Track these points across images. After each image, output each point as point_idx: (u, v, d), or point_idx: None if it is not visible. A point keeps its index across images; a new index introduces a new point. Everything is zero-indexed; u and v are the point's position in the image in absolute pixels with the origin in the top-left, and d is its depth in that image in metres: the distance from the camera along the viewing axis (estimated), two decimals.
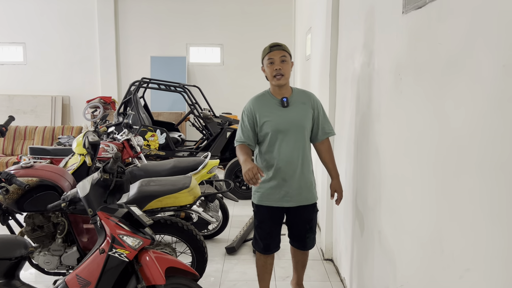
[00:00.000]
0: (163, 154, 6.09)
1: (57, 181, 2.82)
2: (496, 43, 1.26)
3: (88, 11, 8.93)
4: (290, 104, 2.62)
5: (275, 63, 2.55)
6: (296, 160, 2.62)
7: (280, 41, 2.76)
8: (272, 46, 2.59)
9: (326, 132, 2.72)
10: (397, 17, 2.10)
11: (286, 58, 2.57)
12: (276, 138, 2.59)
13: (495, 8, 1.27)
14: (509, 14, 1.20)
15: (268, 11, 8.96)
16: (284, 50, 2.58)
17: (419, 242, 1.81)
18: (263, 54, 2.63)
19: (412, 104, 1.90)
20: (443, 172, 1.60)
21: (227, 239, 4.34)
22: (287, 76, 2.58)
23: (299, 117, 2.61)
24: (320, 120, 2.70)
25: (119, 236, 2.19)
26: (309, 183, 2.71)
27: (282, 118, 2.59)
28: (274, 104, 2.62)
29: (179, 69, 8.98)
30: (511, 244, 1.18)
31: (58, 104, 8.88)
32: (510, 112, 1.19)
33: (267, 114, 2.60)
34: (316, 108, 2.69)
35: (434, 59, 1.68)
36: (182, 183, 3.02)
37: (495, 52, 1.26)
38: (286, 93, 2.64)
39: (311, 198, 2.73)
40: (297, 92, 2.70)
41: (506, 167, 1.20)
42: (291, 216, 2.76)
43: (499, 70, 1.24)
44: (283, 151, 2.59)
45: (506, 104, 1.21)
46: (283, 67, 2.55)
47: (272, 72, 2.56)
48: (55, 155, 4.96)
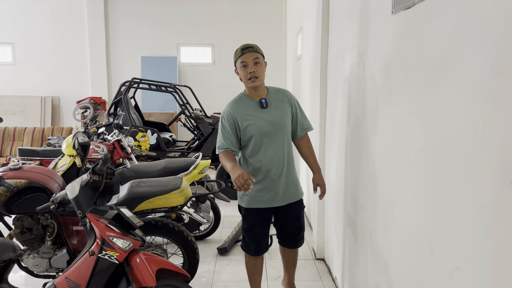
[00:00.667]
0: (154, 155, 6.06)
1: (46, 183, 2.79)
2: (484, 43, 1.27)
3: (77, 11, 8.86)
4: (269, 104, 2.61)
5: (249, 66, 2.52)
6: (282, 160, 2.63)
7: (271, 41, 2.76)
8: (243, 48, 2.55)
9: (304, 127, 2.75)
10: (386, 17, 2.11)
11: (259, 60, 2.55)
12: (261, 140, 2.58)
13: (482, 8, 1.27)
14: (496, 14, 1.21)
15: (259, 11, 8.95)
16: (256, 51, 2.55)
17: (410, 242, 1.82)
18: (236, 57, 2.60)
19: (402, 104, 1.91)
20: (432, 171, 1.61)
21: (219, 240, 4.33)
22: (261, 78, 2.56)
23: (280, 117, 2.61)
24: (298, 116, 2.72)
25: (109, 238, 2.17)
26: (295, 181, 2.74)
27: (264, 120, 2.58)
28: (253, 106, 2.61)
29: (170, 69, 8.94)
30: (499, 243, 1.19)
31: (48, 105, 8.80)
32: (497, 111, 1.20)
33: (248, 118, 2.58)
34: (294, 105, 2.70)
35: (423, 59, 1.69)
36: (173, 184, 3.00)
37: (482, 52, 1.27)
38: (262, 93, 2.63)
39: (297, 195, 2.75)
40: (273, 91, 2.69)
41: (494, 167, 1.21)
42: (280, 216, 2.77)
43: (487, 69, 1.24)
44: (269, 153, 2.59)
45: (493, 104, 1.22)
46: (257, 69, 2.53)
47: (246, 75, 2.53)
48: (45, 157, 4.91)
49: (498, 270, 1.20)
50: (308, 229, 4.55)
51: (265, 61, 2.62)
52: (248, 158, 2.64)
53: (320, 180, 2.78)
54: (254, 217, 2.71)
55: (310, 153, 2.79)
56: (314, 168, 2.80)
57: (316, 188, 2.81)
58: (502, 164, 1.17)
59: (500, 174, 1.18)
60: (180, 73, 9.10)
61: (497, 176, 1.19)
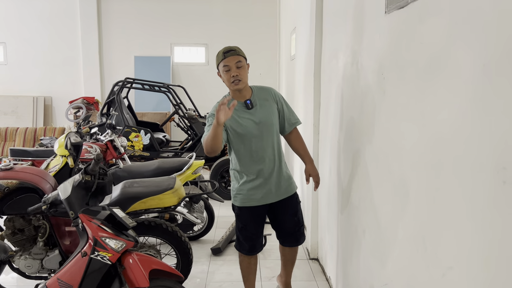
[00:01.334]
0: (147, 155, 6.04)
1: (37, 183, 2.76)
2: (476, 42, 1.27)
3: (70, 10, 8.80)
4: (254, 104, 2.63)
5: (231, 70, 2.52)
6: (272, 158, 2.65)
7: (264, 41, 2.76)
8: (225, 52, 2.54)
9: (292, 123, 2.75)
10: (380, 17, 2.11)
11: (242, 63, 2.55)
12: (251, 141, 2.60)
13: (475, 8, 1.28)
14: (489, 13, 1.21)
15: (253, 11, 8.95)
16: (238, 54, 2.55)
17: (403, 241, 1.83)
18: (218, 61, 2.59)
19: (395, 104, 1.92)
20: (426, 170, 1.61)
21: (213, 240, 4.31)
22: (244, 80, 2.57)
23: (266, 115, 2.63)
24: (285, 112, 2.73)
25: (102, 238, 2.16)
26: (287, 176, 2.75)
27: (251, 120, 2.59)
28: (239, 107, 2.61)
29: (163, 69, 8.91)
30: (492, 242, 1.20)
31: (40, 105, 8.73)
32: (489, 111, 1.20)
33: (235, 119, 2.58)
34: (279, 102, 2.71)
35: (416, 59, 1.69)
36: (166, 184, 2.99)
37: (475, 51, 1.28)
38: (247, 94, 2.64)
39: (291, 189, 2.76)
40: (257, 90, 2.69)
41: (487, 166, 1.21)
42: (277, 213, 2.77)
43: (479, 69, 1.25)
44: (259, 152, 2.62)
45: (486, 103, 1.22)
46: (239, 72, 2.52)
47: (229, 78, 2.53)
48: (37, 157, 4.87)
49: (491, 270, 1.21)
50: None
51: (247, 63, 2.62)
52: (239, 158, 2.65)
53: (312, 170, 2.79)
54: (247, 215, 2.72)
55: (300, 145, 2.80)
56: (305, 159, 2.82)
57: (308, 178, 2.81)
58: (495, 163, 1.18)
59: (493, 173, 1.18)
60: (173, 73, 9.08)
61: (490, 175, 1.20)
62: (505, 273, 1.15)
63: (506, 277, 1.14)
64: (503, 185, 1.14)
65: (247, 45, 8.81)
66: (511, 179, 1.11)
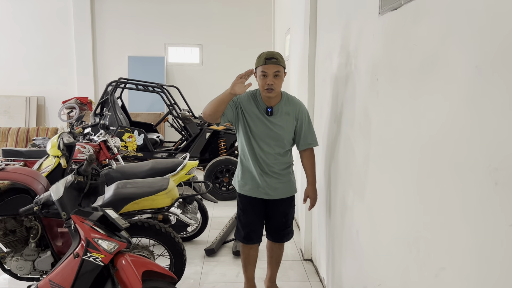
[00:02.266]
0: (141, 156, 6.01)
1: (29, 184, 2.74)
2: (469, 44, 1.28)
3: (63, 10, 8.75)
4: (274, 113, 2.68)
5: (268, 77, 2.56)
6: (271, 164, 2.73)
7: (259, 42, 2.79)
8: (268, 58, 2.56)
9: (308, 143, 2.78)
10: (373, 18, 2.11)
11: (280, 73, 2.58)
12: (255, 139, 2.70)
13: (468, 10, 1.28)
14: (481, 15, 1.22)
15: (247, 12, 8.94)
16: (279, 64, 2.57)
17: (396, 242, 1.83)
18: (258, 63, 2.62)
19: (389, 105, 1.92)
20: (419, 171, 1.61)
21: (207, 241, 4.30)
22: (277, 90, 2.62)
23: (279, 128, 2.69)
24: (303, 131, 2.75)
25: (94, 239, 2.14)
26: (286, 182, 2.82)
27: (262, 126, 2.68)
28: (261, 109, 2.69)
29: (157, 69, 8.88)
30: (484, 243, 1.20)
31: (33, 105, 8.67)
32: (482, 112, 1.21)
33: (250, 119, 2.69)
34: (300, 119, 2.74)
35: (410, 60, 1.69)
36: (159, 185, 2.97)
37: (468, 53, 1.28)
38: (275, 100, 2.69)
39: (288, 192, 2.84)
40: (286, 101, 2.73)
41: (479, 167, 1.22)
42: (269, 208, 2.86)
43: (472, 70, 1.25)
44: (260, 154, 2.72)
45: (478, 104, 1.23)
46: (275, 82, 2.57)
47: (264, 85, 2.58)
48: (29, 157, 4.83)
49: (483, 270, 1.21)
50: (296, 230, 4.55)
51: (285, 71, 2.66)
52: (243, 150, 2.78)
53: (312, 192, 2.86)
54: (245, 202, 2.85)
55: (308, 165, 2.84)
56: (309, 179, 2.87)
57: (306, 199, 2.89)
58: (487, 165, 1.18)
59: (486, 174, 1.19)
60: (167, 73, 9.05)
61: (483, 176, 1.20)
62: (497, 273, 1.15)
63: (498, 278, 1.15)
64: (495, 186, 1.14)
65: (241, 46, 8.84)
66: (503, 180, 1.12)
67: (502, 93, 1.13)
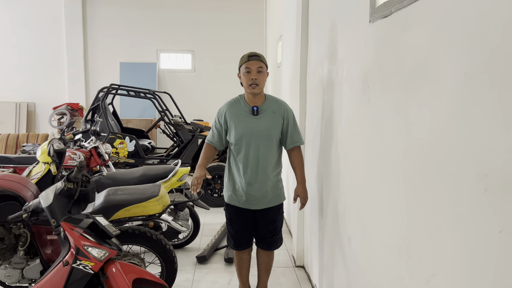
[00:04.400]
0: (132, 162, 5.98)
1: (18, 191, 2.71)
2: (458, 51, 1.29)
3: (55, 16, 8.71)
4: (260, 112, 2.72)
5: (252, 73, 2.65)
6: (261, 165, 2.74)
7: (251, 48, 2.83)
8: (250, 55, 2.68)
9: (294, 141, 2.82)
10: (364, 26, 2.13)
11: (263, 69, 2.68)
12: (242, 144, 2.72)
13: (457, 18, 1.30)
14: (471, 23, 1.23)
15: (239, 18, 8.98)
16: (261, 61, 2.68)
17: (387, 248, 1.83)
18: (241, 62, 2.71)
19: (380, 112, 1.93)
20: (409, 178, 1.62)
21: (198, 248, 4.28)
22: (261, 86, 2.69)
23: (266, 127, 2.72)
24: (290, 129, 2.79)
25: (84, 247, 2.12)
26: (274, 187, 2.83)
27: (249, 126, 2.70)
28: (246, 111, 2.73)
29: (149, 75, 8.86)
30: (475, 249, 1.21)
31: (23, 111, 8.59)
32: (471, 119, 1.22)
33: (236, 121, 2.72)
34: (286, 118, 2.78)
35: (400, 68, 1.71)
36: (150, 192, 2.96)
37: (457, 60, 1.29)
38: (259, 100, 2.74)
39: (276, 200, 2.86)
40: (270, 101, 2.79)
41: (469, 174, 1.22)
42: (257, 217, 2.87)
43: (462, 78, 1.26)
44: (250, 157, 2.72)
45: (468, 111, 1.24)
46: (259, 77, 2.65)
47: (248, 81, 2.65)
48: (19, 164, 4.78)
49: (474, 276, 1.21)
50: (288, 236, 4.55)
51: (267, 71, 2.74)
52: (235, 156, 2.79)
53: (301, 191, 2.87)
54: (232, 212, 2.89)
55: (297, 163, 2.87)
56: (298, 179, 2.88)
57: (296, 198, 2.89)
58: (476, 171, 1.19)
59: (475, 181, 1.19)
60: (159, 80, 9.03)
61: (472, 183, 1.21)
62: (487, 280, 1.16)
63: (488, 284, 1.15)
64: (485, 192, 1.15)
65: (234, 53, 8.85)
66: (493, 186, 1.13)
67: (492, 100, 1.14)
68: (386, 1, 1.86)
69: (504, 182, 1.09)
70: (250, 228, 2.90)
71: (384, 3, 1.88)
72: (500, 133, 1.10)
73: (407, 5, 1.64)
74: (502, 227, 1.09)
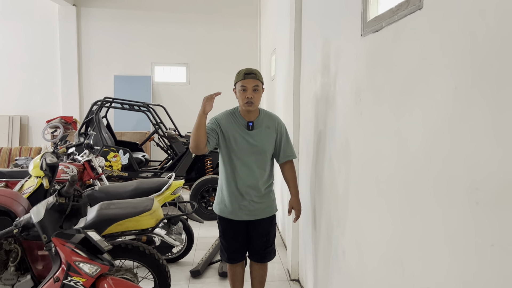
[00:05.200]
0: (126, 175, 5.94)
1: (9, 206, 2.68)
2: (448, 66, 1.30)
3: (49, 30, 8.72)
4: (255, 127, 2.75)
5: (248, 91, 2.66)
6: (254, 178, 2.75)
7: (245, 61, 2.84)
8: (247, 73, 2.68)
9: (287, 155, 2.85)
10: (356, 40, 2.15)
11: (258, 87, 2.69)
12: (236, 157, 2.73)
13: (447, 33, 1.31)
14: (460, 37, 1.25)
15: (234, 32, 9.03)
16: (257, 79, 2.69)
17: (381, 261, 1.82)
18: (237, 79, 2.72)
19: (372, 125, 1.94)
20: (402, 191, 1.62)
21: (192, 262, 4.24)
22: (256, 104, 2.72)
23: (261, 141, 2.74)
24: (283, 144, 2.83)
25: (75, 263, 2.09)
26: (267, 198, 2.83)
27: (245, 140, 2.72)
28: (241, 125, 2.75)
29: (143, 88, 8.87)
30: (468, 262, 1.20)
31: (16, 124, 8.55)
32: (462, 133, 1.22)
33: (231, 134, 2.73)
34: (280, 133, 2.82)
35: (391, 81, 1.72)
36: (143, 206, 2.94)
37: (447, 74, 1.31)
38: (253, 115, 2.77)
39: (268, 211, 2.86)
40: (264, 116, 2.82)
41: (460, 187, 1.23)
42: (250, 229, 2.86)
43: (452, 92, 1.28)
44: (243, 170, 2.73)
45: (458, 125, 1.25)
46: (254, 95, 2.67)
47: (244, 99, 2.67)
48: (11, 178, 4.73)
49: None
50: (282, 250, 4.52)
51: (263, 87, 2.76)
52: (225, 170, 2.79)
53: (296, 204, 2.90)
54: (225, 225, 2.87)
55: (290, 177, 2.90)
56: (292, 191, 2.91)
57: (290, 210, 2.92)
58: (468, 185, 1.19)
59: (467, 194, 1.20)
60: (154, 92, 9.04)
61: (464, 196, 1.21)
62: None
63: None
64: (476, 205, 1.15)
65: (228, 66, 8.89)
66: (484, 199, 1.13)
67: (482, 114, 1.15)
68: (377, 15, 1.89)
69: (495, 195, 1.09)
70: (243, 241, 2.88)
71: (375, 17, 1.90)
72: (490, 146, 1.11)
73: (398, 20, 1.66)
74: (494, 240, 1.09)
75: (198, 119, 2.59)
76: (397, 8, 1.65)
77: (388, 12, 1.74)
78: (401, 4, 1.62)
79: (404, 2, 1.59)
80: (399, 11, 1.63)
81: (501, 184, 1.07)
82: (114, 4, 8.83)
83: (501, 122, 1.07)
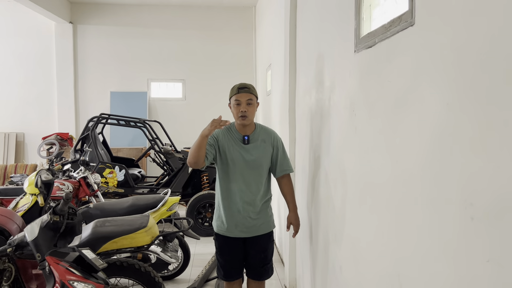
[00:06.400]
0: (122, 192, 5.91)
1: (4, 224, 2.66)
2: (440, 82, 1.31)
3: (46, 47, 8.75)
4: (250, 141, 2.75)
5: (242, 105, 2.69)
6: (251, 194, 2.74)
7: (241, 77, 2.86)
8: (240, 87, 2.71)
9: (283, 169, 2.85)
10: (350, 56, 2.17)
11: (252, 101, 2.72)
12: (233, 172, 2.72)
13: (438, 49, 1.33)
14: (452, 54, 1.26)
15: (229, 47, 9.10)
16: (251, 93, 2.71)
17: (378, 277, 1.81)
18: (231, 94, 2.75)
19: (366, 140, 1.95)
20: (397, 206, 1.62)
21: (189, 279, 4.19)
22: (251, 118, 2.73)
23: (257, 156, 2.75)
24: (279, 158, 2.83)
25: (69, 282, 2.07)
26: (264, 214, 2.82)
27: (241, 155, 2.72)
28: (237, 139, 2.75)
29: (140, 104, 8.88)
30: (462, 277, 1.20)
31: (12, 141, 8.52)
32: (455, 148, 1.23)
33: (228, 148, 2.73)
34: (276, 147, 2.82)
35: (384, 96, 1.73)
36: (139, 223, 2.91)
37: (439, 90, 1.32)
38: (249, 129, 2.78)
39: (265, 228, 2.84)
40: (260, 130, 2.83)
41: (455, 201, 1.23)
42: (247, 245, 2.84)
43: (443, 108, 1.28)
44: (240, 186, 2.73)
45: (451, 140, 1.25)
46: (248, 109, 2.69)
47: (238, 113, 2.70)
48: (5, 195, 4.70)
49: None
50: (280, 265, 4.48)
51: (257, 101, 2.78)
52: (223, 183, 2.78)
53: (294, 219, 2.89)
54: (222, 242, 2.84)
55: (288, 192, 2.90)
56: (290, 206, 2.90)
57: (289, 226, 2.90)
58: (462, 200, 1.19)
59: (461, 209, 1.20)
60: (150, 108, 9.05)
61: (459, 212, 1.21)
62: None
63: None
64: (471, 221, 1.15)
65: (224, 81, 8.93)
66: (479, 215, 1.13)
67: (473, 130, 1.15)
68: (370, 32, 1.91)
69: (490, 210, 1.09)
70: (240, 258, 2.85)
71: (368, 34, 1.93)
72: (482, 162, 1.12)
73: (390, 36, 1.68)
74: (490, 256, 1.09)
75: (200, 140, 2.55)
76: (389, 24, 1.68)
77: (380, 29, 1.76)
78: (394, 20, 1.64)
79: (397, 18, 1.62)
80: (392, 27, 1.65)
81: (495, 199, 1.07)
82: (110, 21, 8.90)
83: (491, 138, 1.08)
